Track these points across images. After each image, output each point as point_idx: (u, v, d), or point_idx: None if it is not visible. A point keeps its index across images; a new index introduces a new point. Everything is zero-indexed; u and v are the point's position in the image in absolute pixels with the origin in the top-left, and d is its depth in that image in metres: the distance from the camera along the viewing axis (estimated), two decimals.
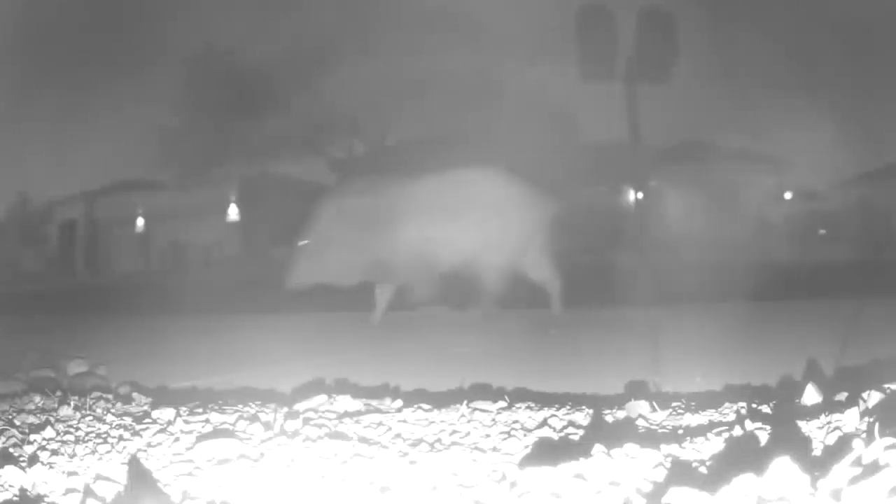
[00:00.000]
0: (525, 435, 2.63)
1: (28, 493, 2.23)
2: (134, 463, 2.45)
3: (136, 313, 8.23)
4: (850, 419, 2.30)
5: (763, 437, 2.32)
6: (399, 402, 3.10)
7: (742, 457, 2.11)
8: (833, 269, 10.48)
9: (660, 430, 2.69)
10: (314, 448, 2.49)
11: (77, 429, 2.90)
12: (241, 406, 3.19)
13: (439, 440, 2.63)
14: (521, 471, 2.06)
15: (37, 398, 3.39)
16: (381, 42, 17.35)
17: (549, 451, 2.36)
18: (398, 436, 2.68)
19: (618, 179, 18.08)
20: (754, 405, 2.82)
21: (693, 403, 3.01)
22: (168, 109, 19.19)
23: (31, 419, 3.06)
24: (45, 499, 2.20)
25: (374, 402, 3.13)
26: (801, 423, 2.41)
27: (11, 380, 4.02)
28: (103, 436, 2.80)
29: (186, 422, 2.93)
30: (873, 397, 2.35)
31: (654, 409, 2.89)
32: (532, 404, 3.02)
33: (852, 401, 2.46)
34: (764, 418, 2.54)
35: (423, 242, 6.14)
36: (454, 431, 2.71)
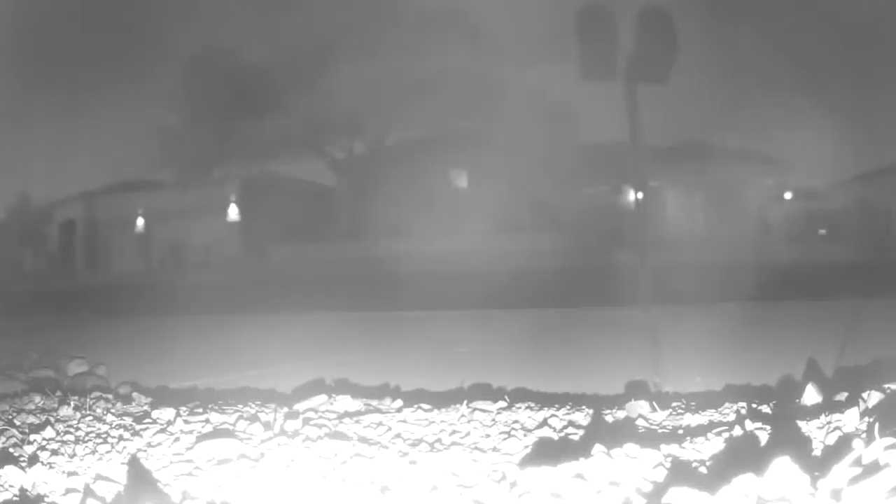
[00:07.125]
0: (525, 435, 2.63)
1: (28, 493, 2.23)
2: (134, 463, 2.45)
3: (136, 313, 8.23)
4: (850, 419, 2.30)
5: (763, 437, 2.32)
6: (399, 402, 3.11)
7: (742, 457, 2.11)
8: (833, 269, 10.47)
9: (660, 430, 2.70)
10: (314, 448, 2.49)
11: (77, 429, 2.90)
12: (241, 406, 3.19)
13: (439, 440, 2.63)
14: (521, 471, 2.06)
15: (37, 398, 3.39)
16: (381, 42, 17.38)
17: (549, 451, 2.36)
18: (398, 436, 2.68)
19: (618, 179, 18.08)
20: (754, 405, 2.82)
21: (693, 403, 3.01)
22: (168, 110, 19.24)
23: (31, 419, 3.06)
24: (45, 499, 2.20)
25: (374, 402, 3.13)
26: (801, 423, 2.41)
27: (11, 380, 4.02)
28: (103, 436, 2.80)
29: (186, 422, 2.93)
30: (873, 397, 2.35)
31: (654, 409, 2.89)
32: (532, 404, 3.02)
33: (852, 401, 2.46)
34: (764, 418, 2.54)
35: None
36: (454, 431, 2.71)
